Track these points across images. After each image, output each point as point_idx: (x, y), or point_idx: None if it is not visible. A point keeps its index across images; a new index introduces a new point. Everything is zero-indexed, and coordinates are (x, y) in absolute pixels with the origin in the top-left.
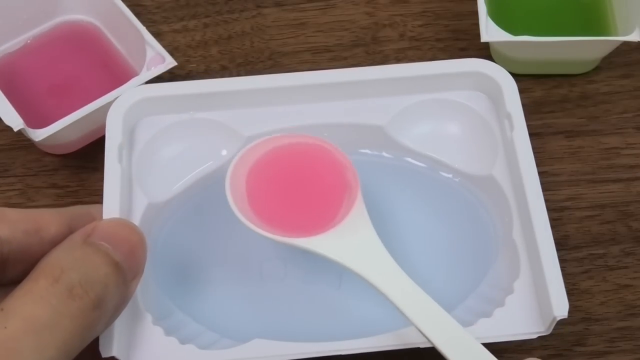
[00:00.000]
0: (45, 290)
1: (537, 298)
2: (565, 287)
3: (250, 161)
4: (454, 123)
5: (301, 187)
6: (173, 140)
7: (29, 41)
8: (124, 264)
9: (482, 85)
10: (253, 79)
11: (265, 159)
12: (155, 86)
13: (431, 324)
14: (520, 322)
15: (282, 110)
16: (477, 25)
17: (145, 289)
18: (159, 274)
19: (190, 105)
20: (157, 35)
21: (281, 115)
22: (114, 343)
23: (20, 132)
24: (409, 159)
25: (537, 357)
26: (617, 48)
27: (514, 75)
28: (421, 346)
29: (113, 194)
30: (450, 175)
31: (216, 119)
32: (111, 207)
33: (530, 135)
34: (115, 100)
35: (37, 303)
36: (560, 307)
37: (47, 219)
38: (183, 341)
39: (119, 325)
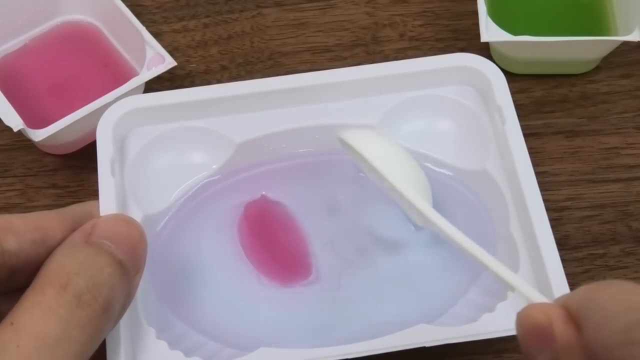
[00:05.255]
0: (53, 301)
1: (539, 289)
2: None
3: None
4: (445, 118)
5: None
6: (164, 151)
7: (28, 41)
8: (127, 261)
9: (470, 79)
10: (241, 85)
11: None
12: (143, 97)
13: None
14: None
15: (272, 115)
16: (477, 25)
17: (145, 302)
18: (156, 285)
19: (178, 114)
20: (157, 35)
21: (270, 120)
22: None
23: (20, 132)
24: None
25: None
26: (617, 48)
27: (514, 75)
28: (427, 345)
29: (109, 210)
30: (444, 171)
31: (206, 126)
32: None
33: (530, 135)
34: (103, 114)
35: (46, 316)
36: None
37: (52, 226)
38: (187, 354)
39: (125, 343)
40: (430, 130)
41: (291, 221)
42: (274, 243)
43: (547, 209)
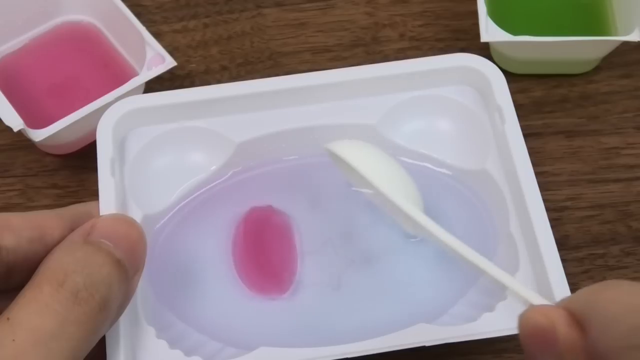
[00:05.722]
0: (50, 298)
1: (539, 289)
2: None
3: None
4: (445, 118)
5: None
6: (164, 151)
7: (29, 41)
8: (126, 261)
9: (470, 79)
10: (241, 85)
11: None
12: (143, 97)
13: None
14: None
15: (272, 115)
16: (477, 25)
17: (144, 302)
18: (156, 285)
19: (178, 114)
20: (157, 35)
21: (270, 120)
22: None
23: (20, 132)
24: (402, 157)
25: None
26: (617, 48)
27: (514, 75)
28: (427, 344)
29: (109, 209)
30: (443, 171)
31: (206, 126)
32: None
33: (530, 135)
34: (103, 114)
35: (43, 312)
36: (563, 296)
37: (50, 224)
38: (188, 353)
39: (125, 341)
40: (430, 130)
41: (287, 233)
42: (261, 253)
43: (547, 209)
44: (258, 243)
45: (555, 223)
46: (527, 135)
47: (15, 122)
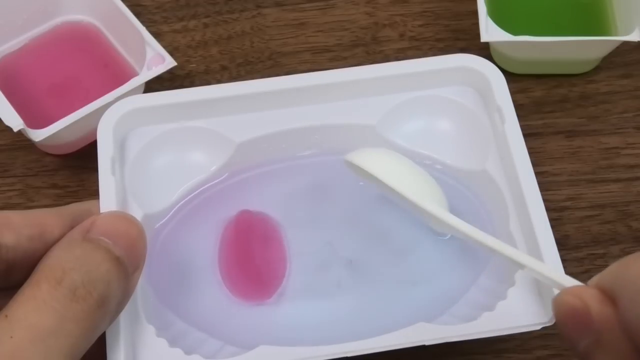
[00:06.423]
0: (48, 295)
1: (538, 288)
2: None
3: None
4: (445, 119)
5: (250, 253)
6: (164, 150)
7: (29, 41)
8: (125, 259)
9: (470, 80)
10: (241, 85)
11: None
12: (143, 97)
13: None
14: (523, 314)
15: (272, 115)
16: (477, 25)
17: (144, 300)
18: (156, 283)
19: (178, 114)
20: (157, 35)
21: (271, 120)
22: (122, 358)
23: (20, 132)
24: None
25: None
26: (617, 48)
27: (514, 75)
28: (426, 343)
29: (109, 208)
30: (443, 171)
31: (206, 126)
32: None
33: (530, 135)
34: (104, 114)
35: (41, 309)
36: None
37: (50, 222)
38: (188, 351)
39: (125, 339)
40: (430, 131)
41: (275, 238)
42: (242, 258)
43: (547, 209)
44: (241, 248)
45: (555, 223)
46: (527, 135)
47: (15, 122)
